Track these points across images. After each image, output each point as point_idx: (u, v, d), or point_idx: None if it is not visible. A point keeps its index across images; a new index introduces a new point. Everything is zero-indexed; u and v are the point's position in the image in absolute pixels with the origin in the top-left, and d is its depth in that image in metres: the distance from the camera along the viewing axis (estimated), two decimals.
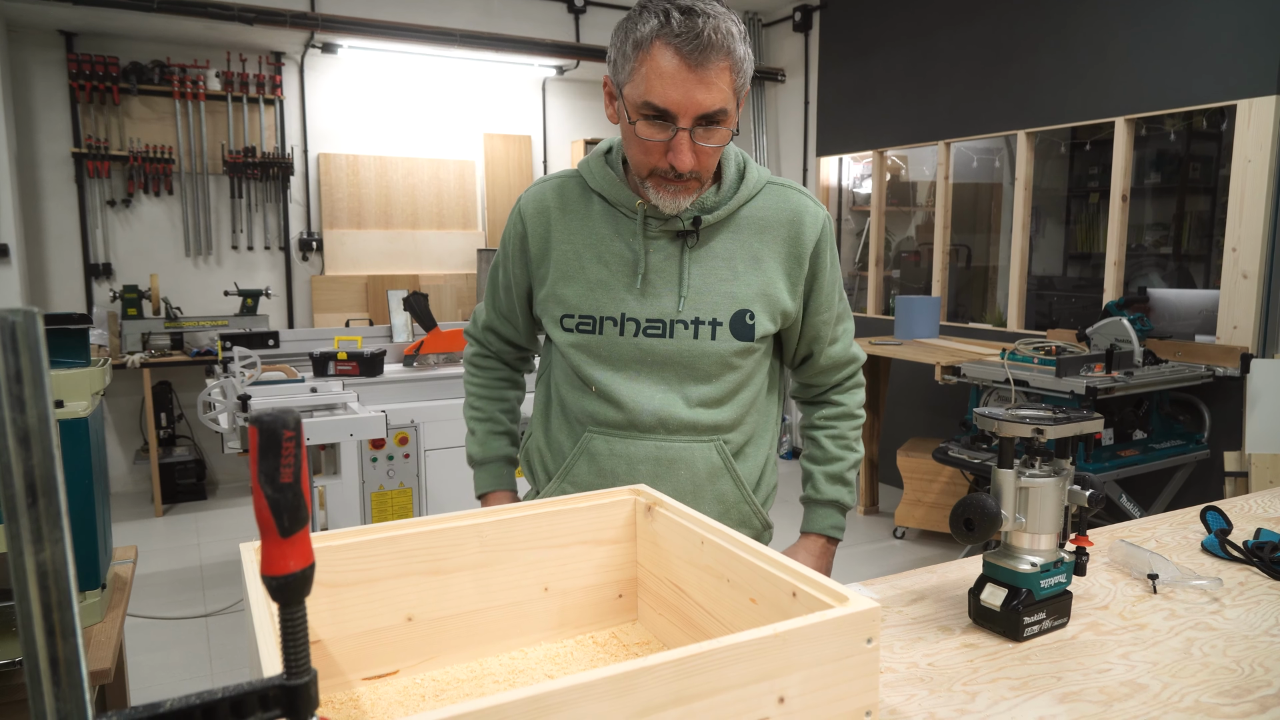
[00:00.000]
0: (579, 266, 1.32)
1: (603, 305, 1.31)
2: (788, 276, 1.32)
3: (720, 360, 1.30)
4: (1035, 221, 4.97)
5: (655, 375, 1.31)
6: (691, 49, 1.11)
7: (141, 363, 4.57)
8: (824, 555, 1.45)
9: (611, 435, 1.33)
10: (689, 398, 1.31)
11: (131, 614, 3.35)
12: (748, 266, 1.31)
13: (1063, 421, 1.06)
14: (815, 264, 1.34)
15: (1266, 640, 1.03)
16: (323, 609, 0.91)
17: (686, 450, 1.31)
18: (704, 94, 1.14)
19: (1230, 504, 1.56)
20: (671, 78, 1.13)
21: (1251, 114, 3.48)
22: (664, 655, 0.63)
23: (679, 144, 1.17)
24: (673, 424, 1.31)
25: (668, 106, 1.14)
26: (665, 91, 1.13)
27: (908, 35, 5.14)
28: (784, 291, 1.32)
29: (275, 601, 0.51)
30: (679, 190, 1.23)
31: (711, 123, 1.17)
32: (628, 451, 1.32)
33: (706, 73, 1.13)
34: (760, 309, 1.31)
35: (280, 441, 0.49)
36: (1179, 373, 3.51)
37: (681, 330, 1.29)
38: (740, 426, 1.36)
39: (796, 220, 1.32)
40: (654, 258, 1.30)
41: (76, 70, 4.81)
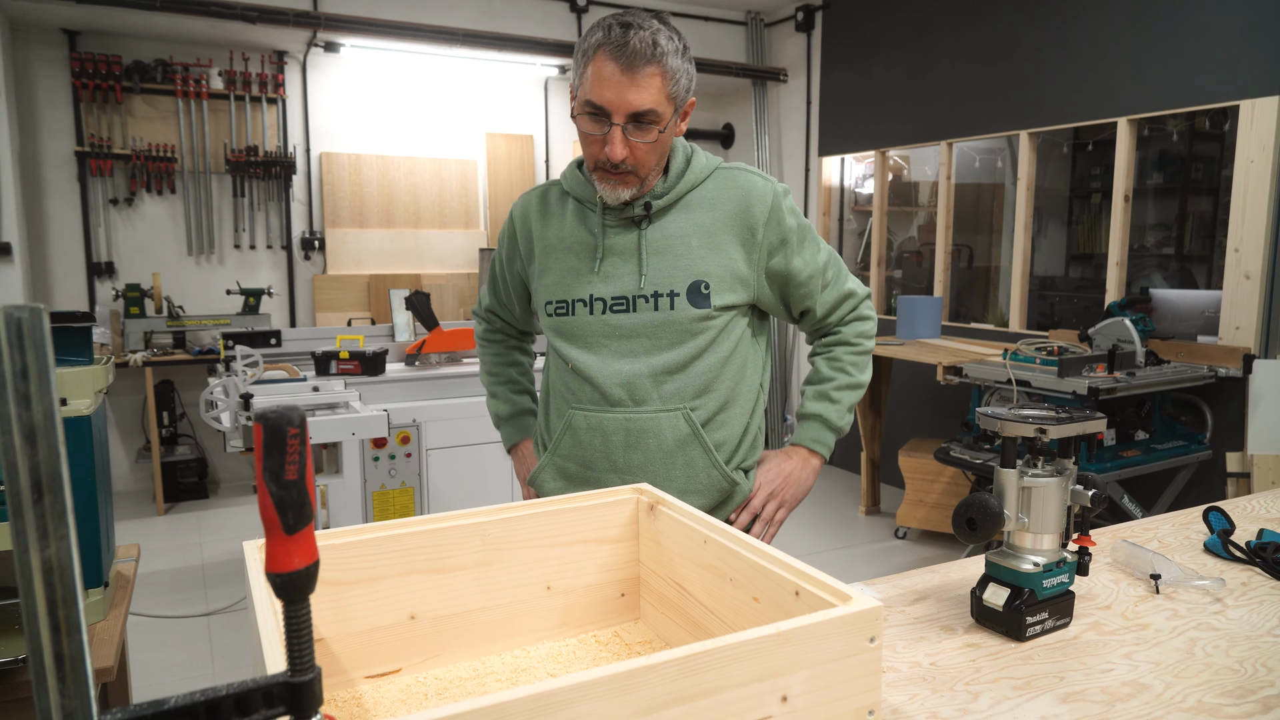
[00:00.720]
0: (555, 258, 1.50)
1: (573, 289, 1.47)
2: (742, 246, 1.44)
3: (680, 328, 1.43)
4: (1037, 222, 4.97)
5: (623, 349, 1.45)
6: (622, 55, 1.29)
7: (144, 361, 4.57)
8: (798, 463, 1.55)
9: (589, 410, 1.47)
10: (654, 367, 1.43)
11: (134, 613, 3.35)
12: (701, 242, 1.43)
13: (1065, 421, 1.06)
14: (776, 231, 1.45)
15: (1269, 640, 1.03)
16: (325, 607, 0.91)
17: (653, 421, 1.44)
18: (634, 95, 1.31)
19: (1233, 504, 1.56)
20: (606, 80, 1.31)
21: (1254, 114, 3.48)
22: (666, 654, 0.63)
23: (611, 137, 1.33)
24: (639, 394, 1.44)
25: (602, 104, 1.32)
26: (601, 91, 1.31)
27: (910, 35, 5.13)
28: (740, 261, 1.44)
29: (279, 599, 0.51)
30: (617, 182, 1.38)
31: (642, 121, 1.33)
32: (602, 424, 1.46)
33: (636, 77, 1.30)
34: (717, 279, 1.43)
35: (285, 439, 0.49)
36: (1181, 373, 3.50)
37: (643, 304, 1.43)
38: (708, 394, 1.46)
39: (744, 195, 1.44)
40: (612, 242, 1.45)
41: (79, 69, 4.82)
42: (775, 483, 1.55)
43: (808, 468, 1.57)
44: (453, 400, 3.57)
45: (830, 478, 5.38)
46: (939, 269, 5.08)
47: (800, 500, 1.57)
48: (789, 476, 1.55)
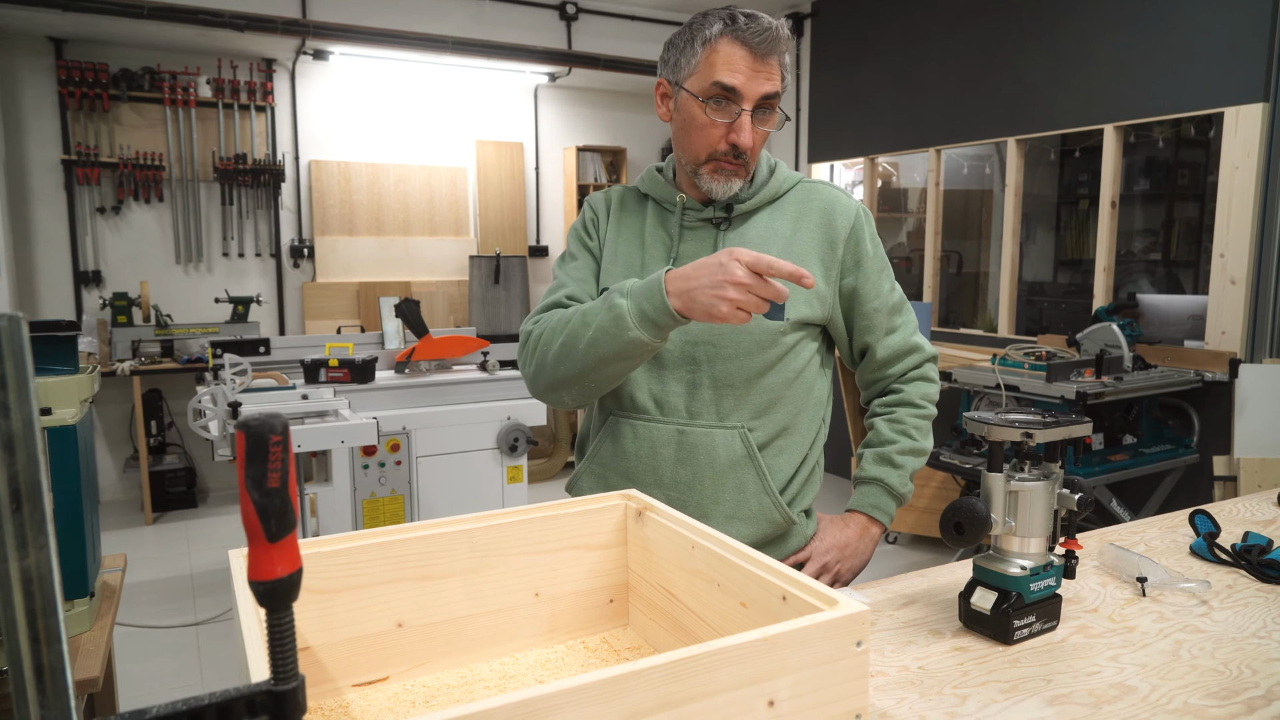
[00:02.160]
0: (625, 253, 1.42)
1: None
2: (821, 261, 1.37)
3: (749, 339, 1.33)
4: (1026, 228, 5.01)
5: (685, 358, 1.35)
6: (759, 40, 1.26)
7: (131, 370, 4.54)
8: (856, 532, 1.42)
9: (636, 419, 1.38)
10: (715, 379, 1.34)
11: (121, 623, 3.33)
12: (780, 250, 1.36)
13: (1051, 425, 1.06)
14: (854, 250, 1.38)
15: (1254, 642, 1.04)
16: (313, 615, 0.90)
17: (707, 437, 1.34)
18: (765, 80, 1.28)
19: (1218, 507, 1.57)
20: (740, 62, 1.27)
21: (1239, 121, 3.51)
22: (653, 659, 0.63)
23: (743, 123, 1.28)
24: (696, 405, 1.35)
25: (735, 85, 1.26)
26: (734, 74, 1.26)
27: (898, 42, 5.17)
28: (818, 275, 1.37)
29: (262, 606, 0.51)
30: (732, 173, 1.32)
31: (768, 109, 1.30)
32: (650, 435, 1.36)
33: (769, 62, 1.28)
34: (793, 291, 1.34)
35: (267, 446, 0.49)
36: (1168, 378, 3.53)
37: None
38: (767, 415, 1.36)
39: (828, 209, 1.39)
40: (688, 244, 1.38)
41: (66, 77, 4.80)
42: (830, 555, 1.41)
43: (866, 537, 1.43)
44: (443, 408, 3.56)
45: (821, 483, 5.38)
46: (928, 275, 5.10)
47: (858, 573, 1.44)
48: (846, 547, 1.42)
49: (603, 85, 6.17)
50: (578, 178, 6.10)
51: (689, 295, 1.14)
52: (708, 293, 1.12)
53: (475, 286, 5.79)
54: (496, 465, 3.65)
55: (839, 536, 1.42)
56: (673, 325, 1.19)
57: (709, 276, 1.12)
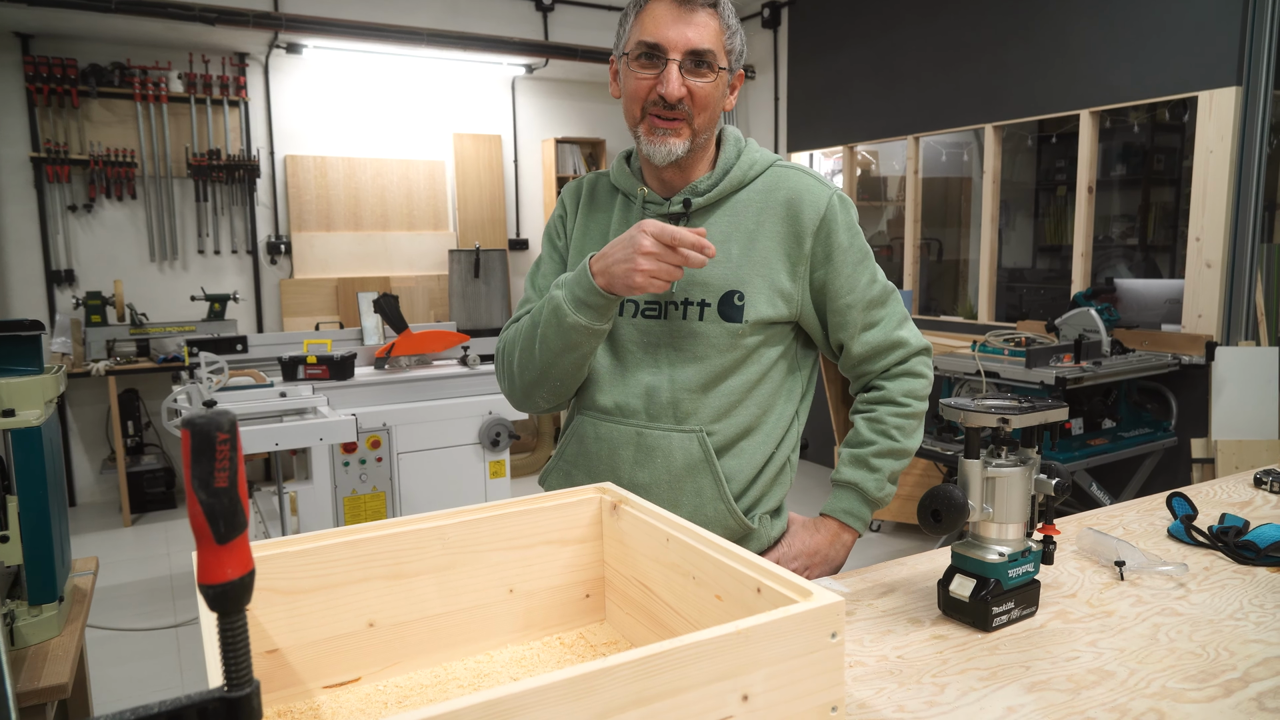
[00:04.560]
0: (591, 247, 1.38)
1: None
2: (787, 258, 1.31)
3: (707, 342, 1.30)
4: (1004, 215, 5.02)
5: (649, 358, 1.33)
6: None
7: (106, 370, 4.48)
8: (827, 538, 1.37)
9: (599, 419, 1.36)
10: (675, 381, 1.31)
11: (99, 626, 3.29)
12: (741, 249, 1.30)
13: (1028, 411, 1.06)
14: (824, 243, 1.31)
15: (1231, 624, 1.04)
16: (281, 616, 0.88)
17: (665, 439, 1.31)
18: (692, 32, 1.24)
19: (1196, 490, 1.58)
20: (662, 17, 1.24)
21: (1212, 105, 3.53)
22: (623, 656, 0.62)
23: (667, 73, 1.24)
24: (655, 408, 1.32)
25: (658, 40, 1.24)
26: (656, 29, 1.24)
27: (875, 31, 5.16)
28: (783, 273, 1.30)
29: (213, 611, 0.50)
30: (668, 131, 1.26)
31: (700, 63, 1.25)
32: (611, 435, 1.34)
33: (694, 15, 1.24)
34: (754, 291, 1.29)
35: (214, 444, 0.47)
36: (1146, 362, 3.55)
37: (673, 311, 1.32)
38: (728, 418, 1.32)
39: (795, 200, 1.31)
40: None
41: (34, 73, 4.72)
42: (796, 562, 1.35)
43: (838, 544, 1.37)
44: (423, 403, 3.53)
45: (805, 472, 5.39)
46: (908, 262, 5.11)
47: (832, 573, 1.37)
48: (815, 554, 1.36)
49: (580, 77, 6.13)
50: (557, 170, 6.07)
51: (609, 272, 1.19)
52: (622, 265, 1.17)
53: (455, 281, 5.75)
54: (479, 460, 3.62)
55: (808, 542, 1.37)
56: (606, 304, 1.21)
57: (622, 250, 1.18)
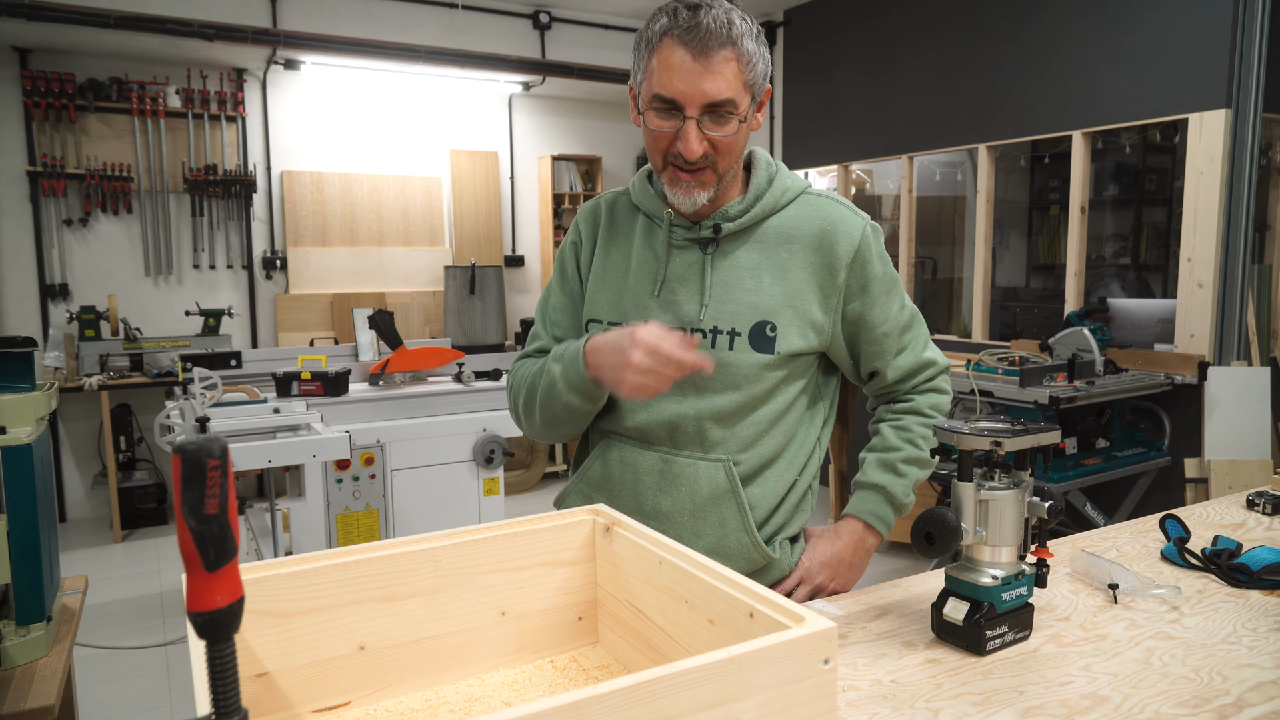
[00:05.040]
0: (614, 274, 1.36)
1: (627, 311, 1.33)
2: (820, 289, 1.29)
3: (737, 373, 1.27)
4: (998, 234, 5.05)
5: (674, 386, 1.28)
6: (694, 39, 1.15)
7: (99, 385, 4.47)
8: (850, 544, 1.35)
9: (625, 443, 1.34)
10: (701, 411, 1.28)
11: (88, 644, 3.26)
12: (774, 278, 1.28)
13: (1020, 434, 1.06)
14: (860, 276, 1.30)
15: (1224, 648, 1.04)
16: (271, 640, 0.88)
17: (690, 467, 1.29)
18: (709, 83, 1.16)
19: (1189, 511, 1.58)
20: (677, 68, 1.16)
21: (1203, 127, 3.56)
22: (615, 683, 0.62)
23: (685, 131, 1.18)
24: (681, 437, 1.29)
25: (674, 96, 1.17)
26: (671, 82, 1.17)
27: (869, 51, 5.20)
28: (815, 305, 1.29)
29: (201, 638, 0.49)
30: (693, 184, 1.23)
31: (719, 113, 1.19)
32: (636, 460, 1.32)
33: (710, 62, 1.15)
34: (786, 322, 1.27)
35: (205, 471, 0.47)
36: (1139, 381, 3.56)
37: (700, 339, 1.28)
38: (755, 448, 1.31)
39: (829, 231, 1.29)
40: (676, 265, 1.31)
41: (31, 87, 4.73)
42: (822, 574, 1.31)
43: (861, 549, 1.34)
44: (417, 420, 3.52)
45: None
46: (903, 281, 5.13)
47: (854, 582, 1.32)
48: (840, 564, 1.32)
49: (577, 94, 6.16)
50: (553, 187, 6.09)
51: (599, 370, 1.19)
52: (610, 373, 1.16)
53: (450, 297, 5.76)
54: (473, 477, 3.61)
55: (830, 551, 1.34)
56: (598, 391, 1.23)
57: (613, 356, 1.15)
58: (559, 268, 1.45)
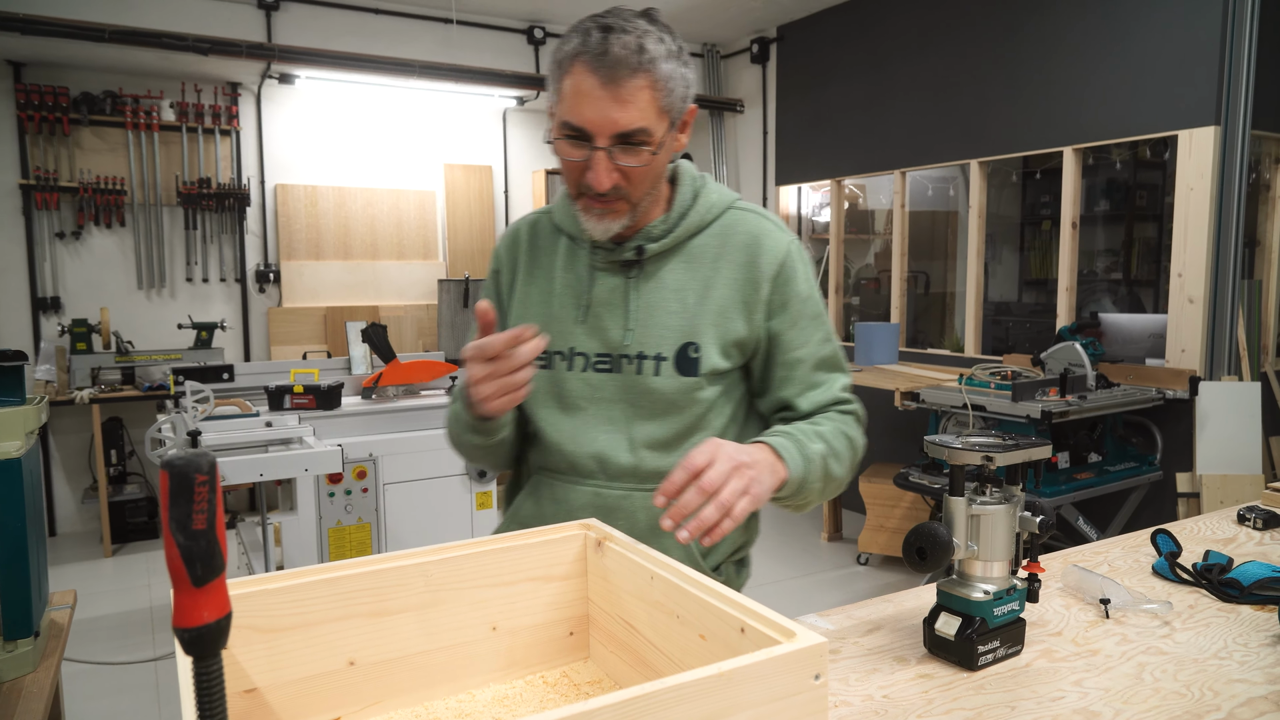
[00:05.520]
0: (537, 301, 1.31)
1: (553, 340, 1.27)
2: (744, 304, 1.24)
3: (665, 399, 1.23)
4: (990, 248, 5.08)
5: (603, 414, 1.26)
6: (602, 65, 1.09)
7: (91, 398, 4.45)
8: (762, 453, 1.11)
9: (556, 480, 1.29)
10: (634, 439, 1.24)
11: (77, 660, 3.23)
12: (698, 298, 1.24)
13: (1012, 448, 1.06)
14: (781, 292, 1.25)
15: (1215, 663, 1.04)
16: (259, 655, 0.87)
17: (626, 499, 1.24)
18: (619, 112, 1.10)
19: (1180, 526, 1.58)
20: (586, 96, 1.10)
21: (1192, 143, 3.59)
22: (605, 699, 0.61)
23: (594, 163, 1.13)
24: (613, 468, 1.24)
25: (583, 125, 1.12)
26: (580, 109, 1.11)
27: (862, 67, 5.24)
28: (739, 319, 1.24)
29: (188, 655, 0.49)
30: (604, 213, 1.18)
31: (632, 143, 1.12)
32: (567, 497, 1.27)
33: (620, 90, 1.09)
34: (709, 341, 1.23)
35: (193, 486, 0.47)
36: (1131, 396, 3.57)
37: (626, 365, 1.24)
38: None
39: (754, 245, 1.25)
40: (600, 289, 1.26)
41: (25, 100, 4.73)
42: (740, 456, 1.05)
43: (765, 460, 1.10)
44: (410, 434, 3.52)
45: None
46: (895, 295, 5.15)
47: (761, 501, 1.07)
48: (757, 461, 1.08)
49: None
50: (547, 200, 6.09)
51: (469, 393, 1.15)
52: (470, 393, 1.12)
53: (444, 310, 5.75)
54: (465, 492, 3.60)
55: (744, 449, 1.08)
56: (488, 425, 1.20)
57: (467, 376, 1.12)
58: (489, 292, 1.40)
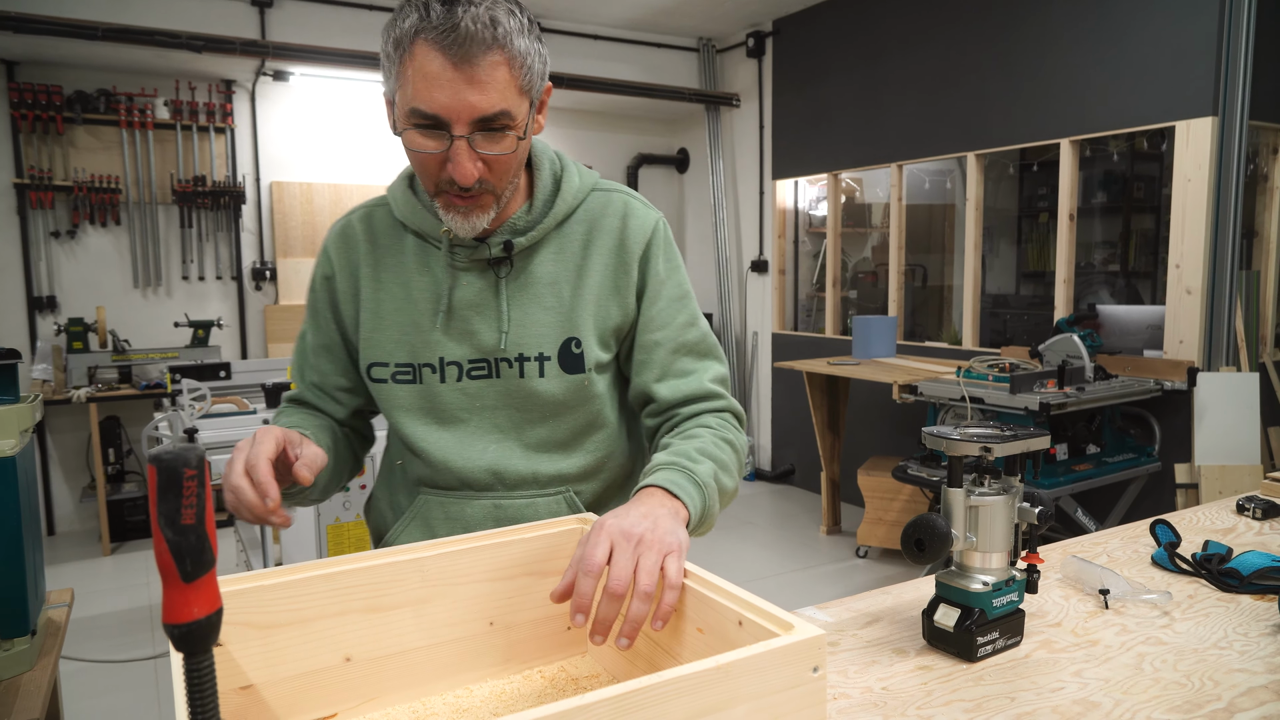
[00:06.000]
0: (391, 307, 1.17)
1: (418, 350, 1.16)
2: (616, 290, 1.17)
3: (554, 400, 1.16)
4: (988, 241, 5.07)
5: (487, 423, 1.17)
6: (452, 43, 0.96)
7: (88, 397, 4.44)
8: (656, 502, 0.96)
9: (446, 496, 1.19)
10: (527, 443, 1.18)
11: (75, 658, 3.23)
12: (572, 289, 1.16)
13: (1010, 439, 1.06)
14: (644, 270, 1.18)
15: (1215, 653, 1.04)
16: (255, 651, 0.87)
17: (529, 507, 1.18)
18: (476, 95, 0.98)
19: (1179, 516, 1.58)
20: (435, 79, 0.97)
21: (1189, 135, 3.59)
22: (602, 692, 0.61)
23: (457, 154, 1.01)
24: (510, 478, 1.17)
25: (436, 112, 0.98)
26: (431, 95, 0.98)
27: (859, 60, 5.23)
28: (613, 307, 1.17)
29: (178, 651, 0.48)
30: (470, 208, 1.07)
31: (493, 127, 1.01)
32: (463, 514, 1.18)
33: (475, 70, 0.97)
34: (588, 333, 1.16)
35: (181, 480, 0.46)
36: (1129, 387, 3.57)
37: (507, 369, 1.16)
38: (598, 475, 1.21)
39: (622, 224, 1.18)
40: (464, 292, 1.15)
41: (18, 99, 4.71)
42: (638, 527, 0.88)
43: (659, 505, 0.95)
44: None
45: (791, 498, 5.38)
46: (893, 289, 5.14)
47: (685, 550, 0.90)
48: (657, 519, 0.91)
49: (568, 104, 6.17)
50: None
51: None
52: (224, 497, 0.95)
53: None
54: None
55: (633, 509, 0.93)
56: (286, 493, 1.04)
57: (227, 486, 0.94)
58: (310, 307, 1.25)
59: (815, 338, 5.73)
